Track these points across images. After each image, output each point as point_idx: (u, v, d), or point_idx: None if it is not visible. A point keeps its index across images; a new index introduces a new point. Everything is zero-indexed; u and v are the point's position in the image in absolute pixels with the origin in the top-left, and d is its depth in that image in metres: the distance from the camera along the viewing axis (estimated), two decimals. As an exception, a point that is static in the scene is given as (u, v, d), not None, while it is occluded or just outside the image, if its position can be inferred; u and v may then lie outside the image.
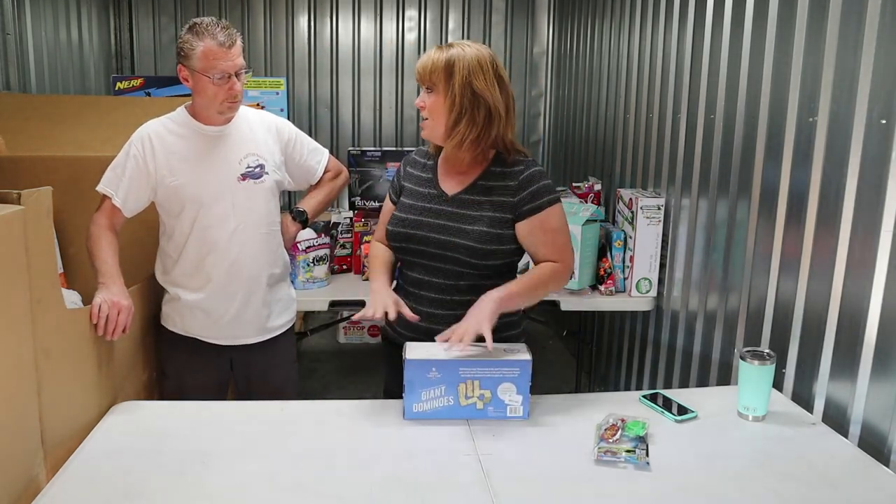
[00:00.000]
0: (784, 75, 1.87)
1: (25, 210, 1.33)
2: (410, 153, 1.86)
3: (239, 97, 1.88)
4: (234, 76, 1.83)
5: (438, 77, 1.62)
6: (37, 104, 2.88)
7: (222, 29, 1.81)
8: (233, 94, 1.84)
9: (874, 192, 1.53)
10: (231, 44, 1.82)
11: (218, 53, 1.80)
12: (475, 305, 1.60)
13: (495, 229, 1.66)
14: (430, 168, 1.77)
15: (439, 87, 1.62)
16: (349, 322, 4.25)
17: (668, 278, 2.62)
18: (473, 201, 1.68)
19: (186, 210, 1.90)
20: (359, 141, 4.83)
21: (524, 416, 1.58)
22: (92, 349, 1.65)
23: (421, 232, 1.69)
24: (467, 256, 1.65)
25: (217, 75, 1.81)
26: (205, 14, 4.64)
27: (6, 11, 3.08)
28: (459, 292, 1.69)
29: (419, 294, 1.73)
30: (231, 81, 1.83)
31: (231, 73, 1.82)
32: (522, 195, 1.65)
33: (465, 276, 1.69)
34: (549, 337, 4.45)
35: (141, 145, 1.89)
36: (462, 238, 1.65)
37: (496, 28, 4.82)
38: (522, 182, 1.66)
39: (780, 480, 1.36)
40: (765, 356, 1.61)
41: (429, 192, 1.73)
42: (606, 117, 3.42)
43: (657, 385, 2.72)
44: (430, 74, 1.62)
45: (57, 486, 1.32)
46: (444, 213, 1.69)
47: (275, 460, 1.41)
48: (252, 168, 1.95)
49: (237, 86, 1.84)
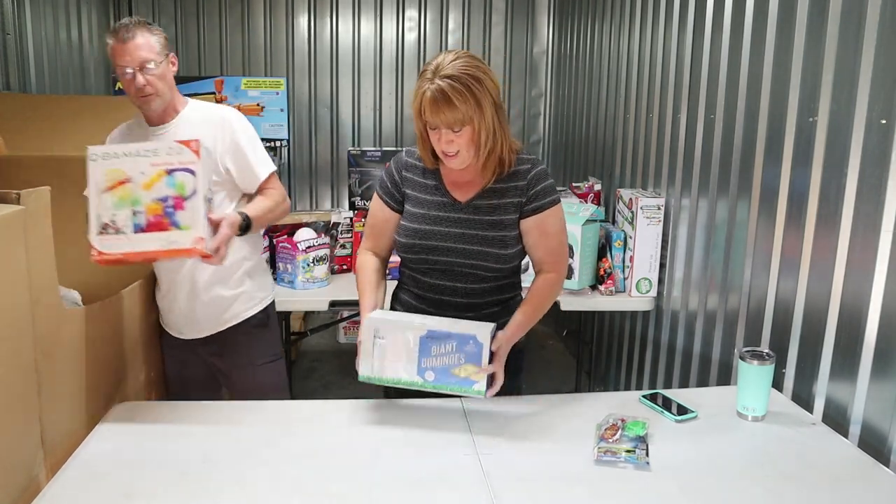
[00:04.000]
0: (784, 75, 1.87)
1: (25, 210, 1.33)
2: (400, 156, 1.76)
3: (147, 90, 1.81)
4: (137, 71, 1.79)
5: (468, 112, 1.52)
6: (37, 104, 2.88)
7: (125, 25, 1.80)
8: (137, 89, 1.80)
9: (874, 192, 1.53)
10: (128, 38, 1.78)
11: (115, 49, 1.79)
12: (497, 351, 1.55)
13: (514, 231, 1.66)
14: (431, 174, 1.71)
15: (468, 122, 1.53)
16: (349, 322, 4.25)
17: (668, 278, 2.62)
18: (489, 206, 1.66)
19: None
20: (359, 141, 4.83)
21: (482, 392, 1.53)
22: (92, 349, 1.65)
23: (439, 242, 1.66)
24: (494, 262, 1.64)
25: (121, 71, 1.80)
26: (205, 14, 4.71)
27: (6, 11, 3.08)
28: (484, 294, 1.70)
29: (441, 299, 1.71)
30: (134, 75, 1.79)
31: (131, 67, 1.79)
32: (529, 194, 1.65)
33: (488, 280, 1.69)
34: (549, 337, 4.45)
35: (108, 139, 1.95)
36: (487, 245, 1.64)
37: (496, 28, 4.82)
38: (531, 181, 1.66)
39: (779, 480, 1.36)
40: (764, 356, 1.61)
41: (439, 199, 1.69)
42: (606, 117, 3.42)
43: (657, 385, 2.72)
44: (461, 112, 1.51)
45: (57, 486, 1.32)
46: (461, 221, 1.66)
47: (275, 460, 1.41)
48: None
49: (140, 79, 1.79)
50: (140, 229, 1.53)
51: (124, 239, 1.53)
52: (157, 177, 1.52)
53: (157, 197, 1.53)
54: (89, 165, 1.54)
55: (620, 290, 2.74)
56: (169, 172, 1.52)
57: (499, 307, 1.74)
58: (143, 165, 1.53)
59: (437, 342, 1.52)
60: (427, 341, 1.52)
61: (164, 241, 1.54)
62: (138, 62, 1.79)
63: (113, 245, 1.53)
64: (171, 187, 1.53)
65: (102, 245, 1.52)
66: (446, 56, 1.55)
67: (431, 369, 1.53)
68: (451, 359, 1.52)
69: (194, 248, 1.54)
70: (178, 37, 4.60)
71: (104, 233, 1.52)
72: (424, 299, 1.73)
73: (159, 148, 1.53)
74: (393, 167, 1.76)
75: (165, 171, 1.52)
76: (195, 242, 1.54)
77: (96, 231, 1.53)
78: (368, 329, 1.56)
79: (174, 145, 1.54)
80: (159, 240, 1.54)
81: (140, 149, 1.54)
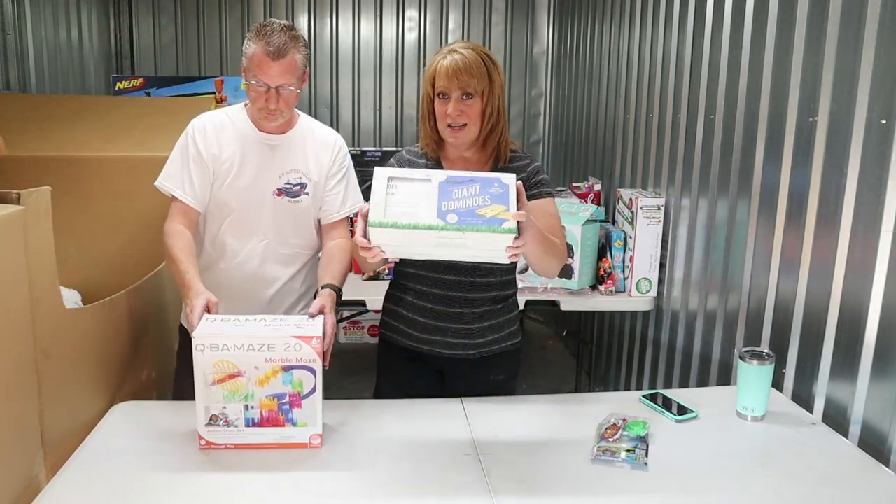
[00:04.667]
0: (784, 75, 1.87)
1: (25, 210, 1.33)
2: (400, 153, 1.78)
3: (277, 111, 1.73)
4: (273, 89, 1.69)
5: (481, 82, 1.59)
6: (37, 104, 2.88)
7: (277, 32, 1.67)
8: (266, 107, 1.71)
9: (874, 192, 1.53)
10: (278, 56, 1.66)
11: (262, 62, 1.67)
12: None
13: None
14: (433, 168, 1.72)
15: (480, 93, 1.59)
16: (349, 322, 4.25)
17: (668, 278, 2.62)
18: None
19: (212, 210, 1.82)
20: (359, 141, 4.82)
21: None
22: (92, 349, 1.65)
23: None
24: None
25: (254, 81, 1.70)
26: (205, 14, 4.71)
27: (6, 11, 3.08)
28: (489, 289, 1.72)
29: (448, 295, 1.72)
30: (269, 94, 1.70)
31: (270, 85, 1.69)
32: (530, 182, 1.69)
33: (494, 273, 1.72)
34: (549, 337, 4.45)
35: (196, 133, 1.79)
36: None
37: (496, 28, 4.82)
38: (531, 172, 1.70)
39: (780, 480, 1.36)
40: (763, 356, 1.61)
41: None
42: (606, 117, 3.42)
43: (657, 385, 2.72)
44: (475, 80, 1.58)
45: (57, 486, 1.32)
46: None
47: (274, 460, 1.41)
48: (291, 185, 1.83)
49: (272, 102, 1.70)
50: (253, 423, 1.43)
51: (234, 432, 1.43)
52: (273, 373, 1.40)
53: (273, 394, 1.42)
54: (195, 355, 1.39)
55: (620, 290, 2.74)
56: (286, 369, 1.41)
57: (500, 305, 1.76)
58: (258, 360, 1.40)
59: (459, 186, 1.33)
60: (447, 186, 1.33)
61: (278, 436, 1.44)
62: (278, 84, 1.69)
63: (222, 436, 1.43)
64: (287, 384, 1.42)
65: (210, 435, 1.43)
66: (457, 41, 1.63)
67: (454, 212, 1.31)
68: (475, 200, 1.32)
69: (310, 443, 1.46)
70: (178, 37, 4.60)
71: (213, 424, 1.43)
72: (429, 296, 1.73)
73: (276, 344, 1.40)
74: (395, 165, 1.77)
75: (282, 368, 1.41)
76: (311, 439, 1.45)
77: (204, 422, 1.42)
78: (380, 179, 1.35)
79: (292, 341, 1.40)
80: (273, 434, 1.44)
81: (253, 342, 1.39)
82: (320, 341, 1.42)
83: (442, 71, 1.59)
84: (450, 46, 1.63)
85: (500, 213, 1.29)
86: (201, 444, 1.43)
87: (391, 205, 1.31)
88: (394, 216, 1.30)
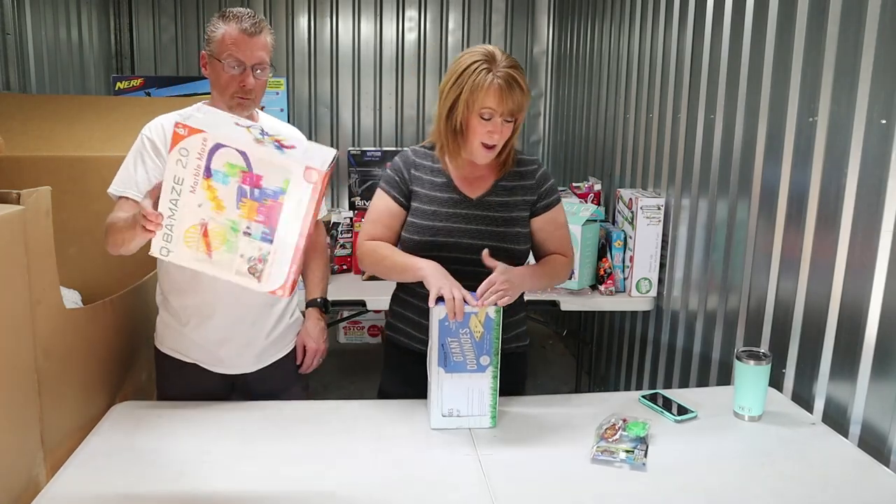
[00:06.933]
0: (784, 75, 1.87)
1: (25, 210, 1.33)
2: (406, 154, 1.74)
3: (252, 95, 1.68)
4: (249, 69, 1.65)
5: (525, 108, 1.59)
6: (37, 104, 2.87)
7: (251, 15, 1.66)
8: (245, 87, 1.66)
9: (874, 192, 1.53)
10: (255, 32, 1.64)
11: (238, 39, 1.63)
12: (508, 270, 1.55)
13: (525, 228, 1.69)
14: (439, 171, 1.70)
15: (521, 112, 1.59)
16: (349, 322, 4.25)
17: (668, 278, 2.62)
18: (500, 203, 1.68)
19: None
20: (359, 141, 4.83)
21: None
22: (92, 349, 1.65)
23: (454, 239, 1.65)
24: (507, 258, 1.63)
25: (231, 62, 1.64)
26: (206, 15, 4.70)
27: (6, 11, 3.08)
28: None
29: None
30: (245, 73, 1.65)
31: (247, 64, 1.64)
32: (540, 191, 1.70)
33: None
34: (549, 337, 4.45)
35: (154, 134, 1.71)
36: (501, 241, 1.65)
37: (496, 28, 4.82)
38: (539, 179, 1.71)
39: (780, 480, 1.36)
40: (760, 356, 1.61)
41: (449, 196, 1.68)
42: (606, 117, 3.42)
43: (657, 385, 2.72)
44: (522, 110, 1.58)
45: (57, 486, 1.32)
46: (473, 218, 1.67)
47: (275, 460, 1.41)
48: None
49: (250, 79, 1.65)
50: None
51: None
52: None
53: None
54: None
55: (620, 290, 2.74)
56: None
57: (506, 307, 1.74)
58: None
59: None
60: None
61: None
62: (255, 61, 1.65)
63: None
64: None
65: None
66: (493, 49, 1.57)
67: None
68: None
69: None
70: (178, 37, 4.60)
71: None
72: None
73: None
74: (401, 164, 1.73)
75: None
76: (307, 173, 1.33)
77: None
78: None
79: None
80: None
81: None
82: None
83: (494, 92, 1.53)
84: (494, 58, 1.55)
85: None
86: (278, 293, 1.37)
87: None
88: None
